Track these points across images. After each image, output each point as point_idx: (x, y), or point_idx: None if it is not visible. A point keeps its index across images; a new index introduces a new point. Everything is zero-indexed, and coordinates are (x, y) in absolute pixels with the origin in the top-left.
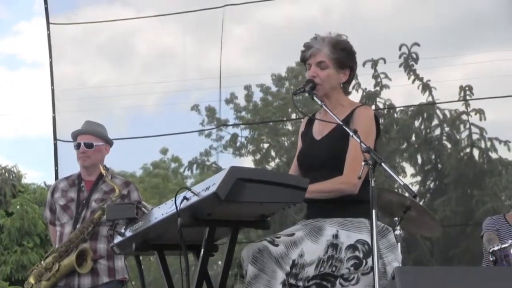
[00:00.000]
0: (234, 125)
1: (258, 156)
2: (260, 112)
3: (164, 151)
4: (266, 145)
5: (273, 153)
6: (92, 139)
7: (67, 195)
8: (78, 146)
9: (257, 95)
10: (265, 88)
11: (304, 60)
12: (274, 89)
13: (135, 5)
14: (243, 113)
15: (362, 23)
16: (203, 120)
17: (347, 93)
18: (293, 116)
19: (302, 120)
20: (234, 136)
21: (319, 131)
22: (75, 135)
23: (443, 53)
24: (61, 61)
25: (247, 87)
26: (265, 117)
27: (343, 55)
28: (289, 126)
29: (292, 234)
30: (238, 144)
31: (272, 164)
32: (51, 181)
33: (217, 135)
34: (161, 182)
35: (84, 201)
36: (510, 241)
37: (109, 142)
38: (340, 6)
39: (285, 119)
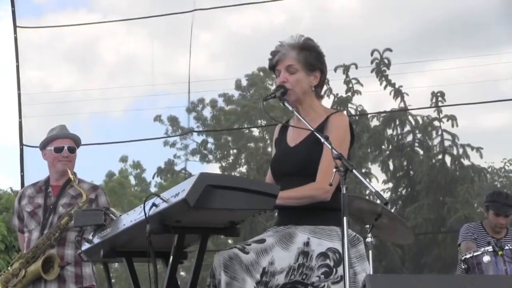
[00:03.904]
0: (204, 131)
1: (224, 163)
2: (224, 119)
3: (124, 159)
4: (230, 152)
5: (242, 160)
6: (73, 144)
7: (34, 201)
8: (60, 150)
9: (221, 103)
10: (228, 96)
11: (272, 67)
12: (236, 96)
13: (101, 11)
14: (206, 121)
15: (332, 29)
16: (167, 130)
17: (319, 97)
18: (259, 122)
19: (265, 126)
20: (204, 143)
21: (293, 138)
22: (53, 139)
23: (415, 59)
24: (26, 66)
25: (201, 100)
26: (228, 124)
27: (310, 56)
28: (256, 133)
29: (263, 241)
30: (204, 151)
31: (240, 170)
32: (18, 187)
33: (182, 144)
34: (116, 185)
35: (51, 207)
36: (482, 249)
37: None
38: (309, 12)
39: (251, 125)
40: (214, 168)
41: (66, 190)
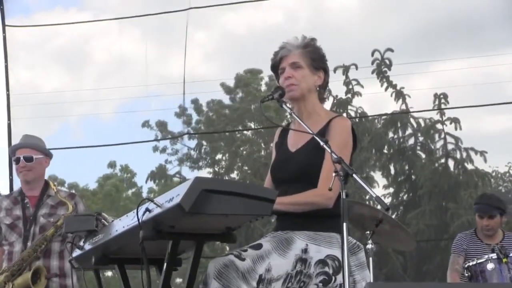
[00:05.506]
0: (199, 133)
1: (217, 168)
2: (214, 123)
3: (112, 165)
4: (220, 156)
5: (237, 164)
6: (31, 153)
7: (12, 213)
8: (17, 161)
9: (211, 106)
10: (217, 101)
11: (275, 66)
12: (226, 99)
13: (92, 9)
14: (195, 125)
15: (330, 29)
16: (156, 136)
17: (322, 99)
18: (251, 125)
19: (261, 128)
20: (199, 146)
21: (294, 142)
22: (14, 150)
23: (417, 60)
24: (15, 66)
25: (195, 101)
26: (218, 127)
27: (315, 55)
28: (249, 135)
29: (260, 246)
30: (195, 156)
31: (233, 175)
32: (6, 190)
33: (173, 149)
34: (113, 189)
35: (31, 218)
36: (486, 257)
37: (48, 155)
38: (307, 11)
39: (245, 128)
40: (204, 174)
41: (44, 200)
